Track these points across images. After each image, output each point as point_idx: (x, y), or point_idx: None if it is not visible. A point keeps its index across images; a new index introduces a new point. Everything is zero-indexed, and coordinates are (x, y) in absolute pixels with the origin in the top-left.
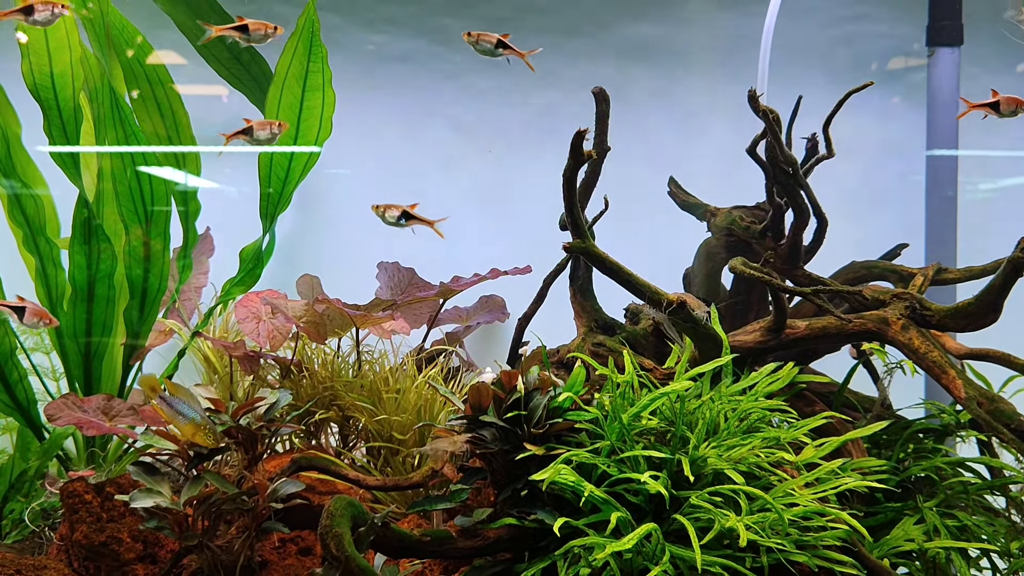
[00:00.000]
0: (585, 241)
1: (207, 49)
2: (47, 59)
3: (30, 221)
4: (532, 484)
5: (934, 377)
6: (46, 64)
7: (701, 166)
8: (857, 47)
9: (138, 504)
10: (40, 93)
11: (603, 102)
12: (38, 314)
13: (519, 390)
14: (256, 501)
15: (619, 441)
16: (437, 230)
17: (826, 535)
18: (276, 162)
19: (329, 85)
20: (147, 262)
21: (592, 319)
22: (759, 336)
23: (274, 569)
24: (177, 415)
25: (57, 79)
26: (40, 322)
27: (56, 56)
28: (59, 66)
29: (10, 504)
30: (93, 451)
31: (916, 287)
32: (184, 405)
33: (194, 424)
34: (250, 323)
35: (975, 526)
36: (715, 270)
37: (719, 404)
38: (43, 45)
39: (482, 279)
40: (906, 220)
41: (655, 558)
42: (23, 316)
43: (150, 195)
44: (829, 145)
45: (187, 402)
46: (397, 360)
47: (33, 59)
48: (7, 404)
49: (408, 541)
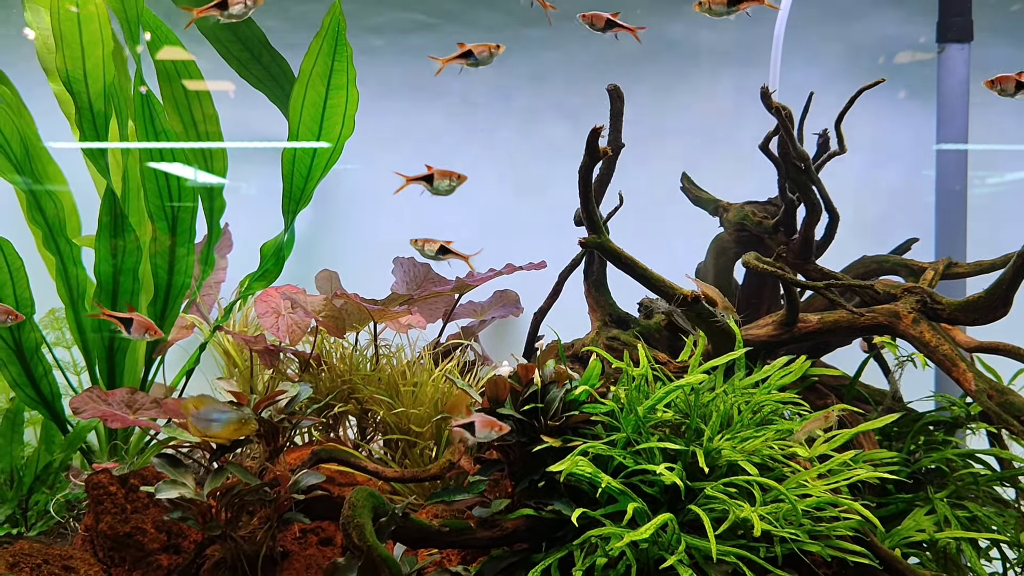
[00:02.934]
0: (600, 236)
1: (227, 50)
2: (80, 52)
3: (49, 221)
4: (549, 475)
5: (945, 370)
6: (79, 58)
7: (714, 162)
8: (867, 44)
9: (163, 495)
10: (73, 86)
11: (617, 99)
12: (145, 326)
13: (536, 383)
14: (278, 492)
15: (635, 433)
16: (470, 264)
17: (839, 525)
18: (299, 159)
19: (353, 84)
20: (171, 258)
21: (606, 313)
22: (772, 330)
23: (295, 559)
24: (211, 424)
25: (89, 73)
26: (146, 334)
27: (89, 50)
28: (92, 60)
29: (35, 495)
30: (116, 444)
31: (927, 281)
32: (213, 412)
33: (233, 422)
34: (270, 317)
35: (985, 517)
36: (727, 265)
37: (733, 397)
38: (77, 39)
39: (497, 274)
40: (916, 215)
41: (671, 548)
42: (130, 327)
43: (177, 192)
44: (841, 141)
45: (214, 408)
46: (414, 354)
47: (67, 52)
48: (32, 398)
49: (427, 531)
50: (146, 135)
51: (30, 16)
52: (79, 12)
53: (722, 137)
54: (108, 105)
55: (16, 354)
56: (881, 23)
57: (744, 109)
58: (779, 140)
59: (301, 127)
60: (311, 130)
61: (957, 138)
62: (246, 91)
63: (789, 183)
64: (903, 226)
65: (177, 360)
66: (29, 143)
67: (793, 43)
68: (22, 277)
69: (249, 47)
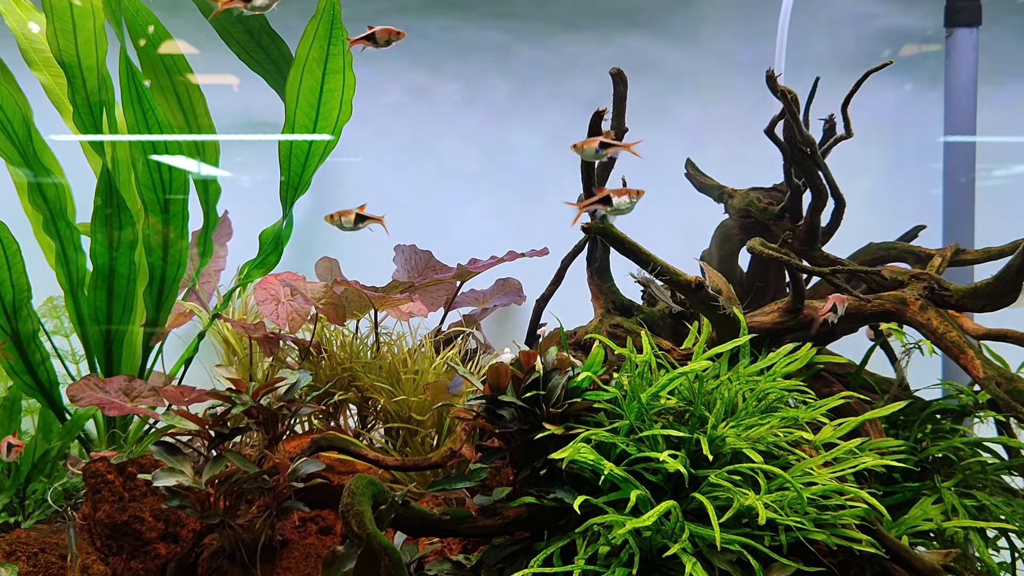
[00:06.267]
0: (603, 221)
1: (227, 32)
2: (71, 24)
3: (50, 204)
4: (551, 463)
5: (952, 357)
6: (70, 30)
7: (719, 147)
8: (873, 30)
9: (161, 483)
10: (64, 59)
11: (620, 83)
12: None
13: (538, 370)
14: (277, 480)
15: (638, 420)
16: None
17: (845, 514)
18: (296, 146)
19: (350, 68)
20: (165, 248)
21: (609, 301)
22: (777, 317)
23: (295, 547)
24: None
25: (81, 47)
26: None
27: (80, 22)
28: (83, 33)
29: (33, 484)
30: (114, 432)
31: (934, 268)
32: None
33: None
34: (269, 305)
35: (993, 506)
36: (731, 252)
37: (737, 384)
38: (67, 10)
39: (499, 261)
40: (923, 205)
41: (674, 536)
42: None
43: (169, 182)
44: (848, 125)
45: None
46: (415, 342)
47: (58, 24)
48: (30, 386)
49: (428, 519)
50: (135, 122)
51: (3, 8)
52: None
53: (729, 124)
54: (101, 82)
55: (13, 341)
56: (888, 10)
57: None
58: (784, 125)
59: (298, 112)
60: (308, 115)
61: (965, 127)
62: (253, 84)
63: (795, 168)
64: (910, 217)
65: (176, 348)
66: (31, 126)
67: (798, 30)
68: (18, 261)
69: (250, 29)
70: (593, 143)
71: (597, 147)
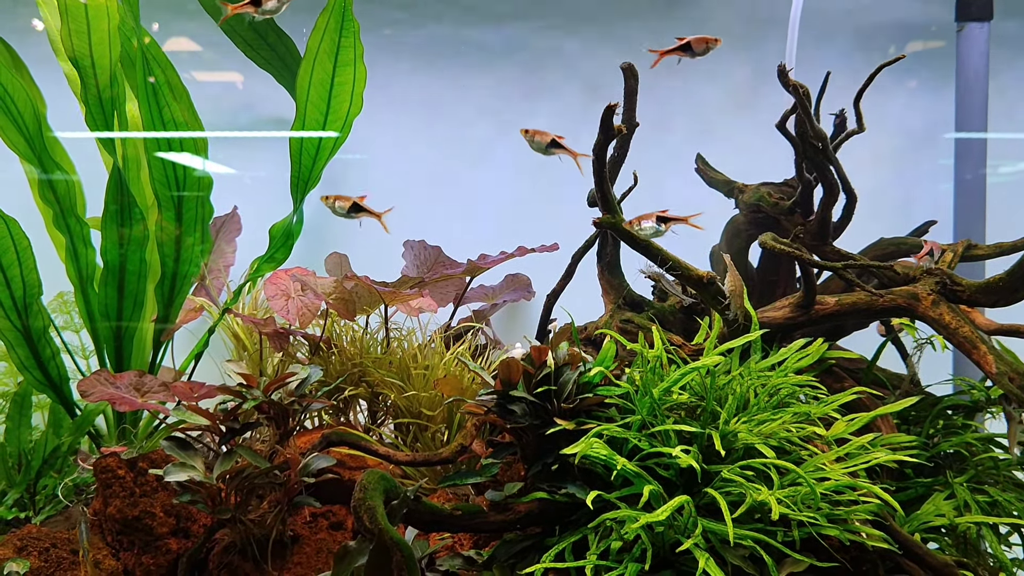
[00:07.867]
0: (615, 216)
1: (234, 30)
2: (86, 25)
3: (60, 199)
4: (562, 458)
5: (965, 352)
6: (84, 30)
7: (732, 143)
8: (884, 24)
9: (172, 478)
10: (78, 60)
11: (631, 78)
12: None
13: (549, 365)
14: (288, 475)
15: (650, 416)
16: (383, 222)
17: (857, 509)
18: (307, 139)
19: (360, 60)
20: (177, 244)
21: (620, 296)
22: (788, 312)
23: (306, 543)
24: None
25: (95, 47)
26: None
27: (95, 23)
28: (97, 33)
29: (43, 480)
30: (124, 427)
31: (946, 263)
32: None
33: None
34: (279, 300)
35: (1006, 502)
36: (742, 247)
37: (749, 379)
38: (82, 11)
39: (509, 256)
40: (934, 201)
41: (687, 531)
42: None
43: (183, 179)
44: (860, 119)
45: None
46: (425, 337)
47: (72, 25)
48: (40, 381)
49: (439, 515)
50: (150, 118)
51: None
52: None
53: (736, 117)
54: (114, 82)
55: (24, 336)
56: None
57: (760, 90)
58: (796, 119)
59: (308, 105)
60: (319, 108)
61: (976, 123)
62: (257, 80)
63: (806, 163)
64: (920, 213)
65: (186, 344)
66: (42, 120)
67: (808, 25)
68: (29, 257)
69: (256, 27)
70: (547, 136)
71: (548, 143)
